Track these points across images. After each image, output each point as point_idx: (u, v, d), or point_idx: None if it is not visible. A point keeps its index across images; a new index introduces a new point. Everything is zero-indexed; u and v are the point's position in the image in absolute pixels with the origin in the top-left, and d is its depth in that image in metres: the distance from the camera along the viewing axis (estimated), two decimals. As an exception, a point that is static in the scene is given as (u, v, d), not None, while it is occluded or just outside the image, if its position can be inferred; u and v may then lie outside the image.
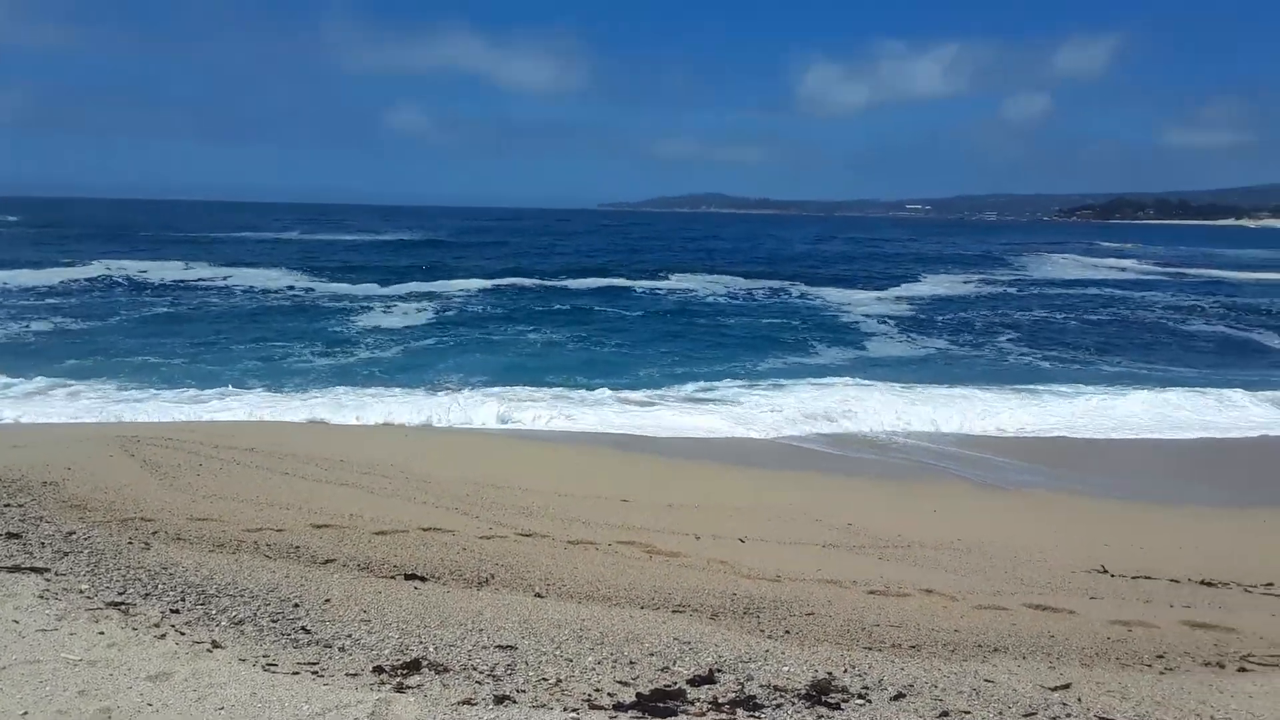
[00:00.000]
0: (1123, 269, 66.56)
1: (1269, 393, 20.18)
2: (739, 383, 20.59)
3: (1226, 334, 32.72)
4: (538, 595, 6.80)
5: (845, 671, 5.35)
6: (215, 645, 5.05)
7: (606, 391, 18.92)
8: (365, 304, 34.55)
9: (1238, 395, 19.75)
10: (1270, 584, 9.09)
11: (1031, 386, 20.83)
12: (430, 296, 37.36)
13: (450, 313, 32.56)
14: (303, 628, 5.53)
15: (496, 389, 18.78)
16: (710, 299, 39.83)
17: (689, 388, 19.71)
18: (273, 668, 4.77)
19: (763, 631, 6.26)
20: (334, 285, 40.88)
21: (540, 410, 16.92)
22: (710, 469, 13.58)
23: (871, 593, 7.81)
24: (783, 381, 20.90)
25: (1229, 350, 29.09)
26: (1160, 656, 6.26)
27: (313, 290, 38.89)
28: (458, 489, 10.85)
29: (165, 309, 31.57)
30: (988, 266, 65.95)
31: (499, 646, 5.41)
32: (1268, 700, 5.22)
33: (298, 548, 7.56)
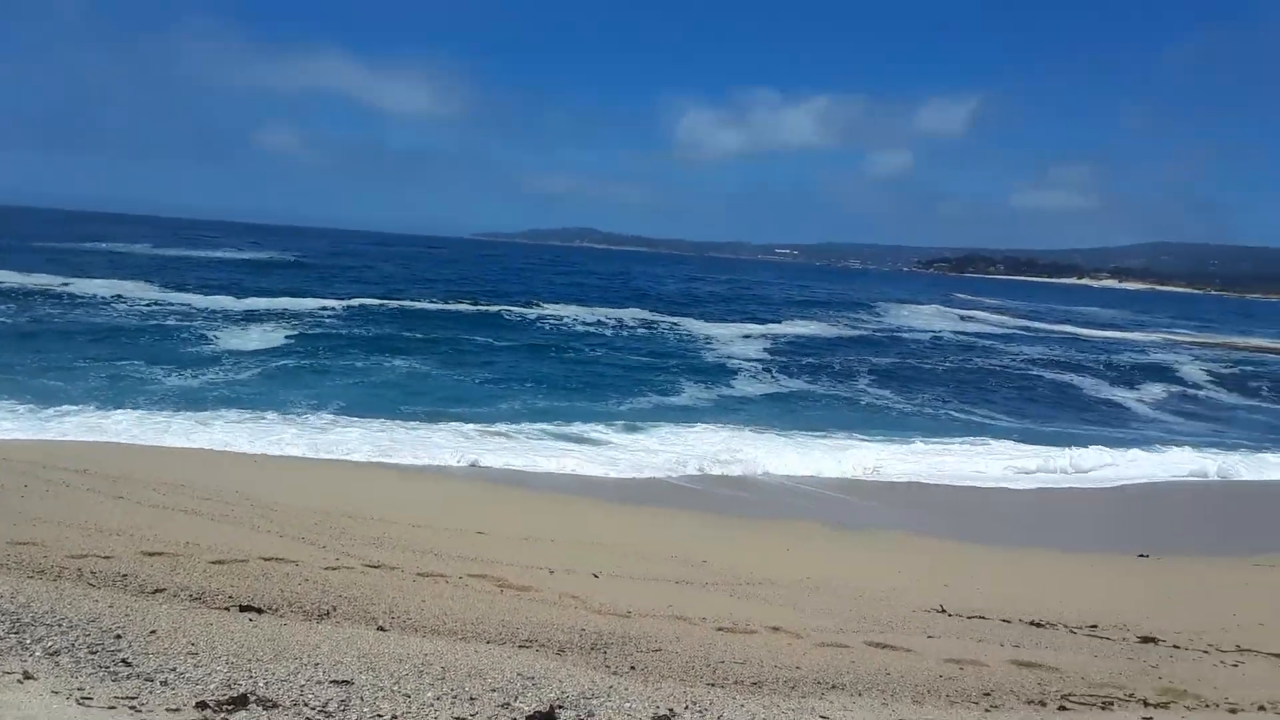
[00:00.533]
0: (979, 320, 69.83)
1: (1103, 453, 21.42)
2: (603, 418, 20.64)
3: (1075, 385, 34.60)
4: (380, 628, 6.62)
5: (687, 708, 5.37)
6: (27, 676, 4.72)
7: (468, 424, 18.67)
8: (220, 323, 33.24)
9: (1084, 450, 20.82)
10: (1094, 625, 9.59)
11: (886, 432, 21.56)
12: (290, 318, 36.20)
13: (311, 336, 31.60)
14: (124, 660, 5.22)
15: (354, 417, 18.31)
16: (581, 331, 39.92)
17: (553, 423, 19.64)
18: (87, 701, 4.49)
19: (608, 667, 6.24)
20: (190, 299, 39.19)
21: (399, 440, 16.58)
22: (569, 504, 13.55)
23: (720, 629, 7.89)
24: (647, 418, 21.06)
25: (1074, 402, 30.77)
26: (987, 694, 6.52)
27: (166, 306, 37.19)
28: (305, 518, 10.50)
29: (3, 320, 29.66)
30: (852, 311, 68.16)
31: (335, 682, 5.23)
32: (1082, 736, 5.50)
33: (125, 576, 7.16)
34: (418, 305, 44.09)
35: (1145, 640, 8.97)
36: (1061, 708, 6.33)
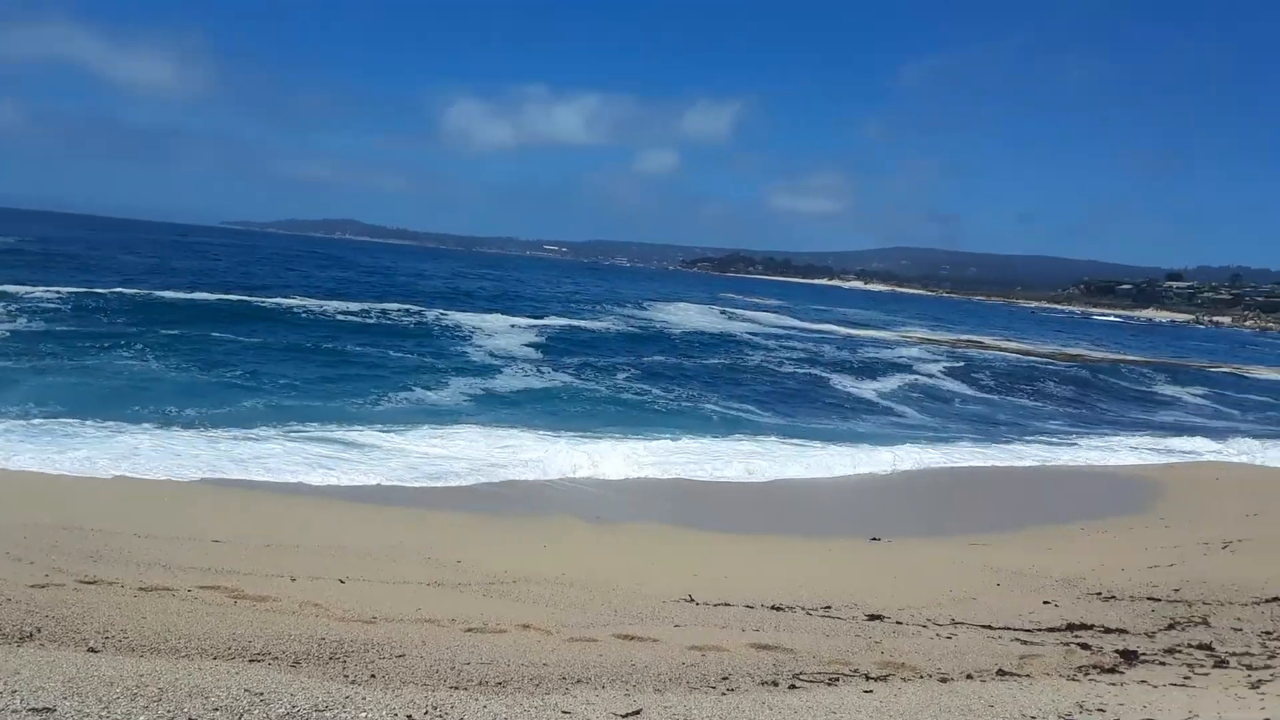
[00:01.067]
0: (742, 319, 72.90)
1: (847, 446, 22.84)
2: (362, 419, 19.96)
3: (825, 379, 36.65)
4: (91, 650, 6.08)
5: (426, 714, 5.25)
6: None
7: (209, 427, 17.54)
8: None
9: (830, 446, 22.14)
10: (828, 606, 10.18)
11: (649, 428, 22.01)
12: (6, 310, 32.72)
13: (29, 330, 28.69)
14: None
15: (75, 420, 16.75)
16: (341, 324, 38.41)
17: (305, 423, 18.74)
18: None
19: (346, 677, 6.01)
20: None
21: (128, 443, 15.34)
22: (317, 508, 12.99)
23: (469, 630, 7.79)
24: (408, 418, 20.57)
25: (826, 395, 32.61)
26: (725, 678, 6.77)
27: None
28: (11, 532, 9.51)
29: None
30: (620, 308, 69.38)
31: (33, 710, 4.74)
32: (809, 715, 5.80)
33: None
34: (159, 296, 40.94)
35: (872, 618, 9.61)
36: (792, 686, 6.67)
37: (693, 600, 10.01)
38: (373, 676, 6.10)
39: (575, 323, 51.41)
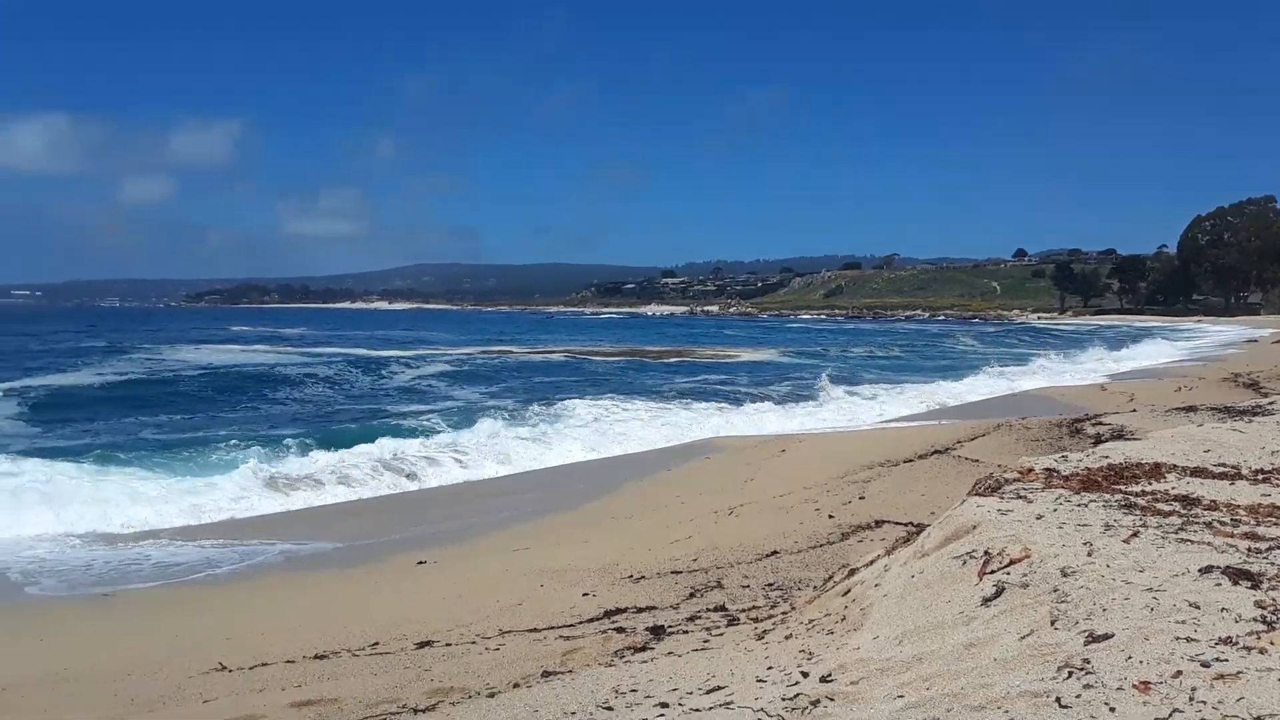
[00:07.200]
0: (250, 351, 69.00)
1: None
2: None
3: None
4: None
5: None
6: None
7: None
8: None
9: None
10: (376, 643, 9.78)
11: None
12: None
13: None
14: None
15: None
16: None
17: None
18: None
19: None
20: None
21: None
22: None
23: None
24: None
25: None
26: (260, 751, 6.19)
27: None
28: None
29: None
30: (122, 355, 62.48)
31: None
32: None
33: None
34: None
35: (422, 645, 9.40)
36: (336, 741, 6.27)
37: (224, 668, 9.09)
38: None
39: (64, 379, 45.20)
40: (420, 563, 14.07)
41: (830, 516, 13.75)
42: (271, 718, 7.01)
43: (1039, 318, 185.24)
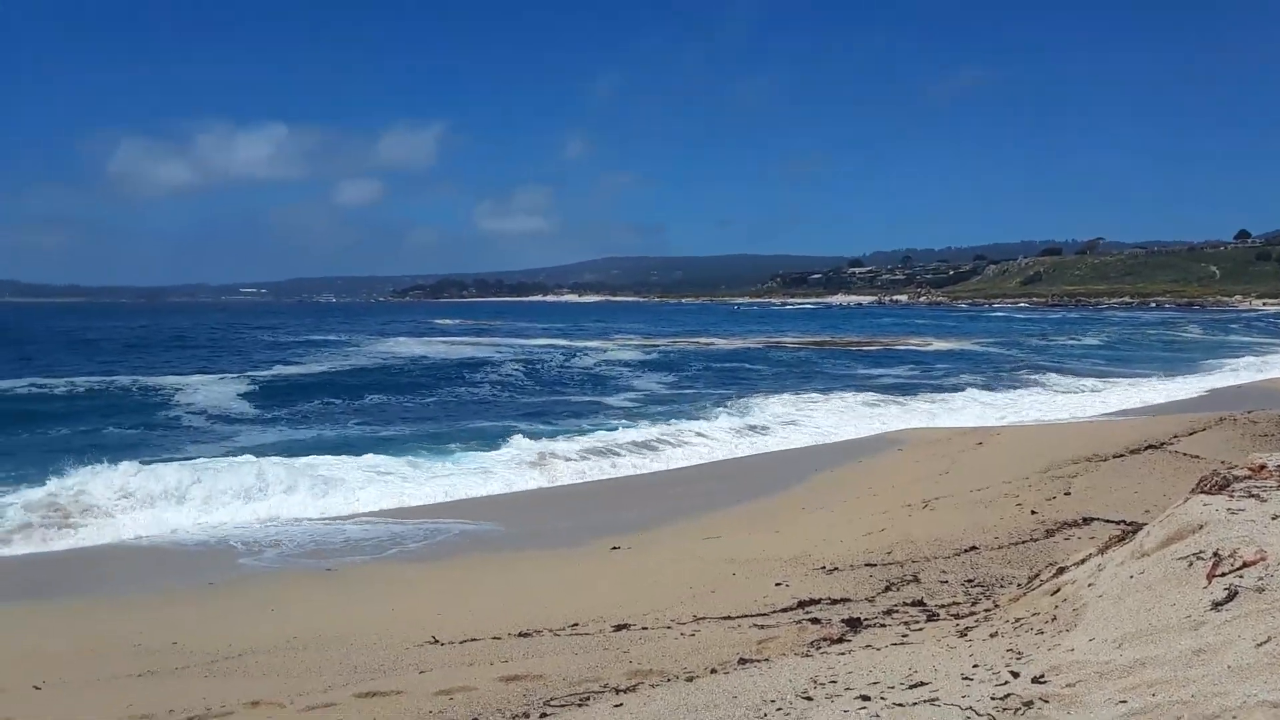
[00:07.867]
0: (451, 343, 72.36)
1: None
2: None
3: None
4: None
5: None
6: None
7: None
8: None
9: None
10: (575, 624, 10.13)
11: (375, 470, 21.10)
12: None
13: None
14: None
15: None
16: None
17: None
18: None
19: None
20: None
21: None
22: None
23: (191, 719, 7.08)
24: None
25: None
26: (475, 719, 6.54)
27: None
28: None
29: None
30: (330, 348, 66.81)
31: None
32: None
33: None
34: None
35: (619, 628, 9.66)
36: (544, 715, 6.54)
37: (437, 641, 9.65)
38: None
39: (302, 368, 48.79)
40: (614, 548, 14.43)
41: (1033, 512, 13.20)
42: (483, 690, 7.38)
43: (1265, 303, 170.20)
